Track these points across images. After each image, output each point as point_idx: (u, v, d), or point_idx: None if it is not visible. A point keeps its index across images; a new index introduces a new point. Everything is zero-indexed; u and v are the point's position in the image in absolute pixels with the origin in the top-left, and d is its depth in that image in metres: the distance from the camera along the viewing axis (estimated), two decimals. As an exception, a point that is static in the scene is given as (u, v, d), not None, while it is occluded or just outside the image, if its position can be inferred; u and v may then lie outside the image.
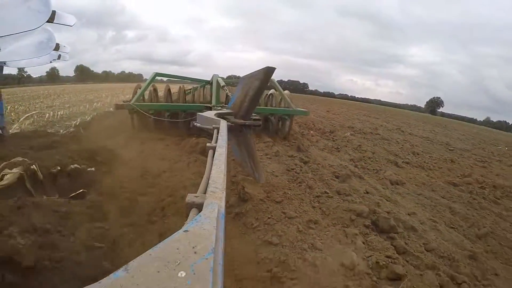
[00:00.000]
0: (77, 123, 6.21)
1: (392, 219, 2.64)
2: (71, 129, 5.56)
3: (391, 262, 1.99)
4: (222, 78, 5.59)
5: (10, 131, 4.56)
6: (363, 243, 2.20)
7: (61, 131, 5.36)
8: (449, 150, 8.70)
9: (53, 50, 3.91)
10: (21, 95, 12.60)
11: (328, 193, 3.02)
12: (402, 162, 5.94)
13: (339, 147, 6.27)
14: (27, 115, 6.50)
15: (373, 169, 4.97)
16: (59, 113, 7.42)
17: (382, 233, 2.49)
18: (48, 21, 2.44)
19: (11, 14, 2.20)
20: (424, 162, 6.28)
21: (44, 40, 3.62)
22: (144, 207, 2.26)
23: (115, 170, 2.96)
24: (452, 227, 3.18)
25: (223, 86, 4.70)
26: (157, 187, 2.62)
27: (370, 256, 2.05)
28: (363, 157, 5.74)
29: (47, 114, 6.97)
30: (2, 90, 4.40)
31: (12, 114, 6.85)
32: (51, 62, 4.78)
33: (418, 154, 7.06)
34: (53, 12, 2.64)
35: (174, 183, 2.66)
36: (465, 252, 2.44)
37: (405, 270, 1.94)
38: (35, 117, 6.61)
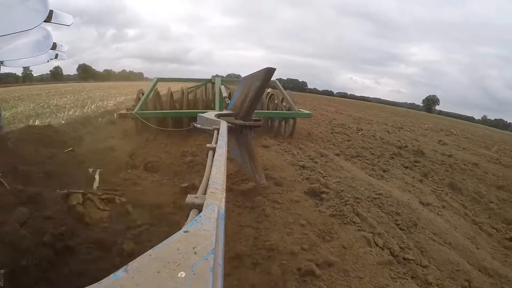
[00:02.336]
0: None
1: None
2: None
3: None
4: (224, 82, 5.50)
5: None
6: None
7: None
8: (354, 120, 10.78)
9: (51, 49, 3.88)
10: (51, 92, 13.61)
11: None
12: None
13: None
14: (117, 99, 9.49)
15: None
16: (118, 99, 10.86)
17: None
18: (45, 21, 2.42)
19: (8, 13, 2.18)
20: (319, 121, 9.12)
21: (41, 39, 3.59)
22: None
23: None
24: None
25: (225, 98, 4.70)
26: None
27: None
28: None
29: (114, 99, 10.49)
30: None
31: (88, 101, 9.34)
32: (48, 61, 4.75)
33: (319, 119, 9.71)
34: (51, 12, 2.61)
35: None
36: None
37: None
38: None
